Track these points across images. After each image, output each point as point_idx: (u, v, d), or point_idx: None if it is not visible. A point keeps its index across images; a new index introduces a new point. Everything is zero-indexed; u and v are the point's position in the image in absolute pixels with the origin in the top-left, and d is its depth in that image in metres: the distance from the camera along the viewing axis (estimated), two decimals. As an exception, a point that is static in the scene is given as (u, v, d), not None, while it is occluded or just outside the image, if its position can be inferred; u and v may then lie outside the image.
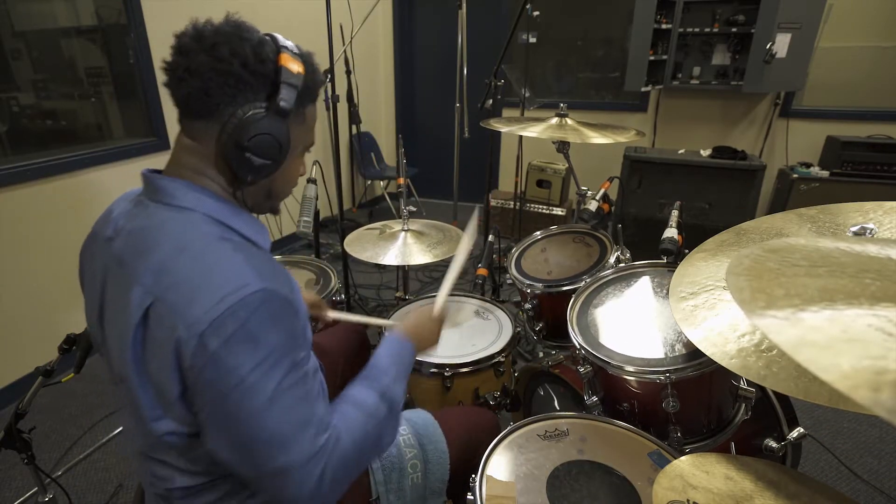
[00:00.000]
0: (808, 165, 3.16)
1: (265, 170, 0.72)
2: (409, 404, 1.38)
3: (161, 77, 0.70)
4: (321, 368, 0.93)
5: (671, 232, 1.32)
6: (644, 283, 1.28)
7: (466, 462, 1.02)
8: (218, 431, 0.65)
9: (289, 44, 0.71)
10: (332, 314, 1.23)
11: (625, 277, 1.31)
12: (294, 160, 0.78)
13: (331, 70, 2.22)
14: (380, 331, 1.55)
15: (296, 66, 0.70)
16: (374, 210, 4.52)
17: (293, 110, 0.71)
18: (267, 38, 0.70)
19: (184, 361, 0.61)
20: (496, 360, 1.38)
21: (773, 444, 1.06)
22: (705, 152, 3.13)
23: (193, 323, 0.60)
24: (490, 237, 1.73)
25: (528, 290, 1.51)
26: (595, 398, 1.16)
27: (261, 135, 0.68)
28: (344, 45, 3.35)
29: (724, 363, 0.75)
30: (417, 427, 1.02)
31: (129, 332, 0.64)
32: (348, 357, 1.34)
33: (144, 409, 0.66)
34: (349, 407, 0.76)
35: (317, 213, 2.05)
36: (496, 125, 1.70)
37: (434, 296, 1.70)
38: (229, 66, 0.65)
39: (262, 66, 0.68)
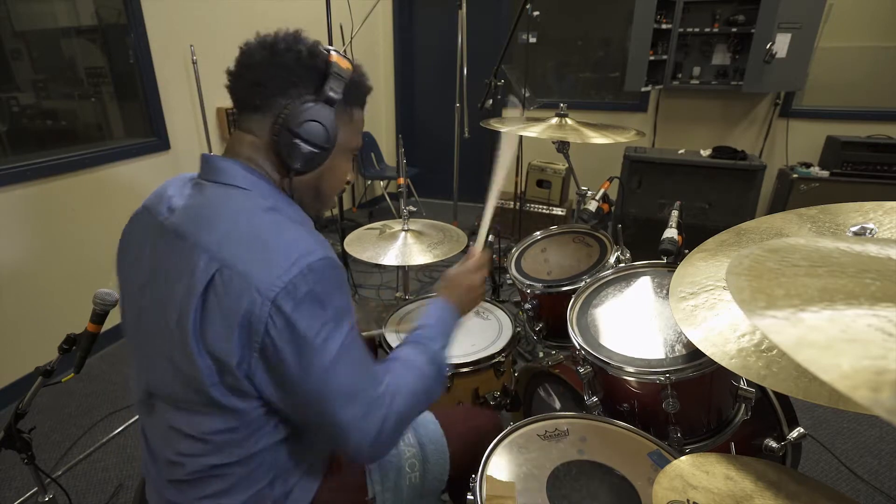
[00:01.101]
0: (808, 165, 3.16)
1: (313, 159, 0.76)
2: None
3: (162, 77, 0.72)
4: None
5: (671, 232, 1.32)
6: (644, 284, 1.28)
7: (467, 463, 1.02)
8: (286, 390, 0.69)
9: (341, 52, 0.78)
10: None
11: (625, 277, 1.31)
12: (341, 159, 0.82)
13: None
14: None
15: (345, 64, 0.76)
16: (374, 210, 4.52)
17: (340, 104, 0.76)
18: (322, 45, 0.77)
19: (255, 325, 0.64)
20: (496, 360, 1.38)
21: (773, 444, 1.06)
22: (705, 152, 3.13)
23: (265, 287, 0.64)
24: (490, 237, 1.73)
25: (528, 290, 1.51)
26: (595, 398, 1.16)
27: (309, 121, 0.73)
28: (344, 45, 3.35)
29: (724, 363, 0.75)
30: (418, 426, 1.02)
31: (192, 299, 0.65)
32: None
33: (201, 374, 0.67)
34: (400, 366, 0.81)
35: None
36: (496, 125, 1.70)
37: (434, 295, 1.70)
38: (283, 59, 0.72)
39: (314, 61, 0.74)
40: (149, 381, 0.76)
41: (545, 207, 3.63)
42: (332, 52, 0.76)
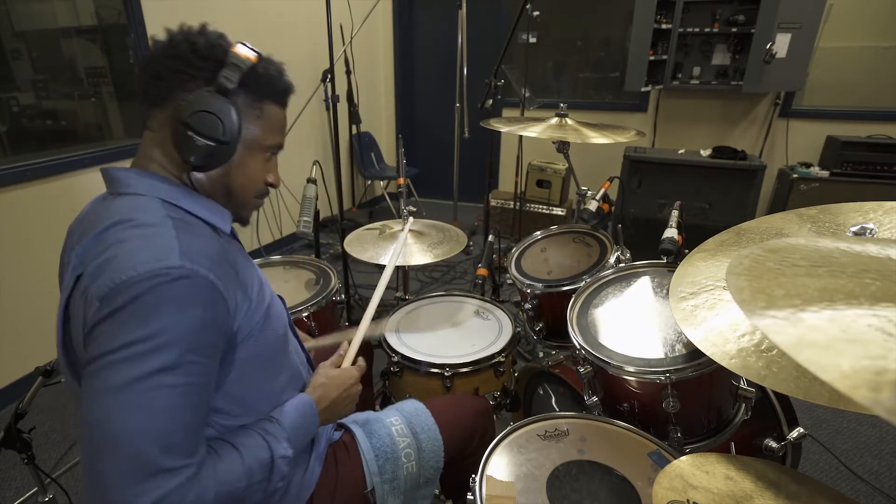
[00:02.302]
0: (808, 165, 3.16)
1: (211, 153, 0.71)
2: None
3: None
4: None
5: (671, 232, 1.32)
6: (644, 283, 1.28)
7: (460, 449, 1.03)
8: (78, 403, 0.64)
9: (250, 44, 0.74)
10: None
11: (625, 277, 1.31)
12: (252, 157, 0.77)
13: (331, 70, 2.22)
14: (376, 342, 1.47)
15: (247, 55, 0.72)
16: (374, 210, 4.52)
17: (247, 97, 0.73)
18: (227, 38, 0.74)
19: (86, 324, 0.62)
20: (496, 360, 1.38)
21: (773, 444, 1.06)
22: (705, 152, 3.13)
23: (99, 287, 0.60)
24: (490, 237, 1.73)
25: (528, 290, 1.51)
26: (595, 398, 1.16)
27: (201, 111, 0.69)
28: (344, 45, 3.35)
29: (724, 363, 0.75)
30: (409, 416, 1.03)
31: (61, 303, 0.68)
32: None
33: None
34: (229, 448, 0.70)
35: (317, 213, 2.05)
36: (496, 125, 1.70)
37: (434, 295, 1.71)
38: (179, 50, 0.70)
39: (212, 52, 0.71)
40: None
41: (545, 207, 3.63)
42: (238, 44, 0.73)
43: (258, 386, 0.77)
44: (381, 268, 1.29)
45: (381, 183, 4.52)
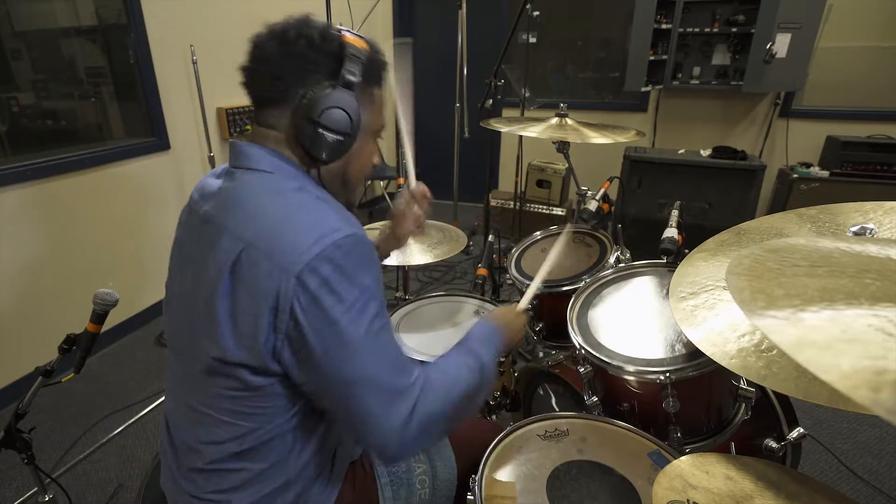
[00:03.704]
0: (808, 165, 3.16)
1: (339, 147, 0.74)
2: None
3: (162, 77, 0.72)
4: None
5: (671, 232, 1.32)
6: (644, 283, 1.28)
7: (469, 471, 1.01)
8: (311, 373, 0.67)
9: (354, 32, 0.76)
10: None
11: (625, 277, 1.31)
12: (366, 143, 0.80)
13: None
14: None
15: (360, 43, 0.73)
16: (374, 210, 4.52)
17: (360, 86, 0.74)
18: (333, 27, 0.75)
19: (282, 304, 0.63)
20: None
21: (773, 444, 1.06)
22: (705, 152, 3.13)
23: (290, 265, 0.63)
24: (490, 237, 1.73)
25: (528, 290, 1.51)
26: (595, 398, 1.16)
27: (331, 108, 0.70)
28: (344, 45, 3.34)
29: (724, 363, 0.75)
30: None
31: (221, 280, 0.65)
32: None
33: (228, 354, 0.67)
34: (441, 365, 0.80)
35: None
36: (496, 125, 1.70)
37: (434, 295, 1.71)
38: (296, 48, 0.70)
39: (328, 45, 0.71)
40: (181, 362, 0.77)
41: (545, 207, 3.63)
42: (346, 33, 0.73)
43: None
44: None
45: (381, 183, 4.52)
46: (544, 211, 3.63)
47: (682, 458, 0.80)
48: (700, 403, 1.08)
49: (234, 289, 0.65)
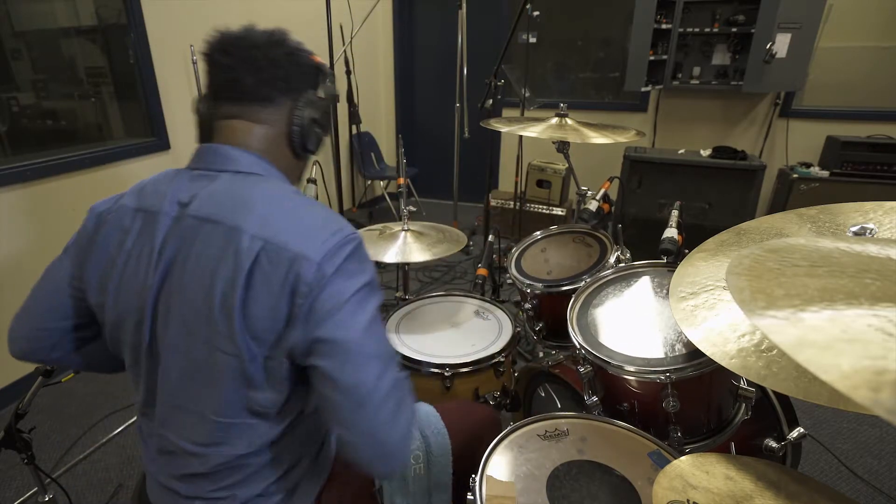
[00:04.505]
0: (808, 165, 3.16)
1: (321, 140, 0.87)
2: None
3: (162, 77, 0.73)
4: None
5: (671, 232, 1.32)
6: (644, 283, 1.28)
7: (467, 457, 1.02)
8: (323, 353, 0.69)
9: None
10: None
11: (625, 277, 1.31)
12: None
13: (331, 70, 2.22)
14: None
15: (323, 61, 0.87)
16: (374, 210, 4.52)
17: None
18: None
19: (301, 288, 0.67)
20: (496, 360, 1.38)
21: (773, 444, 1.06)
22: (705, 152, 3.13)
23: (311, 253, 0.68)
24: (490, 237, 1.73)
25: (528, 290, 1.51)
26: (595, 398, 1.16)
27: (322, 110, 0.84)
28: (344, 45, 3.35)
29: (724, 363, 0.75)
30: (420, 418, 1.03)
31: (239, 278, 0.67)
32: None
33: (242, 353, 0.68)
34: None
35: (317, 213, 2.04)
36: (496, 125, 1.70)
37: (434, 295, 1.71)
38: (300, 58, 0.81)
39: (309, 60, 0.83)
40: (178, 369, 0.74)
41: (545, 207, 3.63)
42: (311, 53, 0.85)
43: None
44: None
45: (381, 183, 4.52)
46: (544, 211, 3.63)
47: (682, 458, 0.80)
48: (700, 403, 1.08)
49: (253, 284, 0.67)
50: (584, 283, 1.35)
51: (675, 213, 1.38)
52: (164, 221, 0.73)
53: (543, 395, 1.46)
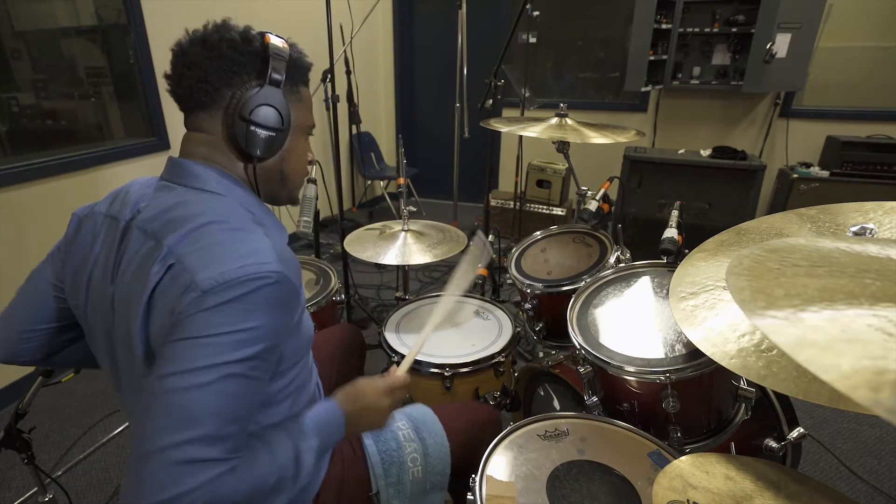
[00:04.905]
0: (808, 165, 3.16)
1: (272, 143, 0.76)
2: (408, 403, 1.38)
3: (162, 77, 0.71)
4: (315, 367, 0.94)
5: (671, 232, 1.32)
6: (644, 283, 1.28)
7: (468, 457, 1.02)
8: (152, 368, 0.62)
9: (274, 33, 0.77)
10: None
11: (625, 277, 1.31)
12: (298, 140, 0.83)
13: (331, 70, 2.22)
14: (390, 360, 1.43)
15: (280, 42, 0.75)
16: (374, 210, 4.52)
17: (287, 84, 0.77)
18: (252, 28, 0.77)
19: (178, 309, 0.61)
20: (496, 360, 1.38)
21: (773, 444, 1.06)
22: (705, 152, 3.13)
23: (203, 280, 0.62)
24: (490, 237, 1.73)
25: (528, 290, 1.51)
26: (595, 398, 1.16)
27: (261, 105, 0.73)
28: (344, 45, 3.35)
29: (724, 363, 0.75)
30: (416, 421, 1.03)
31: (145, 291, 0.65)
32: (342, 357, 1.33)
33: (142, 365, 0.67)
34: (262, 446, 0.69)
35: (317, 213, 2.05)
36: (496, 125, 1.70)
37: (434, 295, 1.71)
38: (220, 51, 0.72)
39: (250, 46, 0.74)
40: (116, 362, 0.75)
41: (545, 207, 3.63)
42: (267, 34, 0.75)
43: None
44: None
45: (381, 183, 4.52)
46: (544, 211, 3.63)
47: (682, 458, 0.80)
48: (700, 403, 1.08)
49: (154, 302, 0.65)
50: (584, 283, 1.35)
51: (675, 213, 1.38)
52: (121, 230, 0.73)
53: (543, 394, 1.46)
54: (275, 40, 0.74)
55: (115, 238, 0.74)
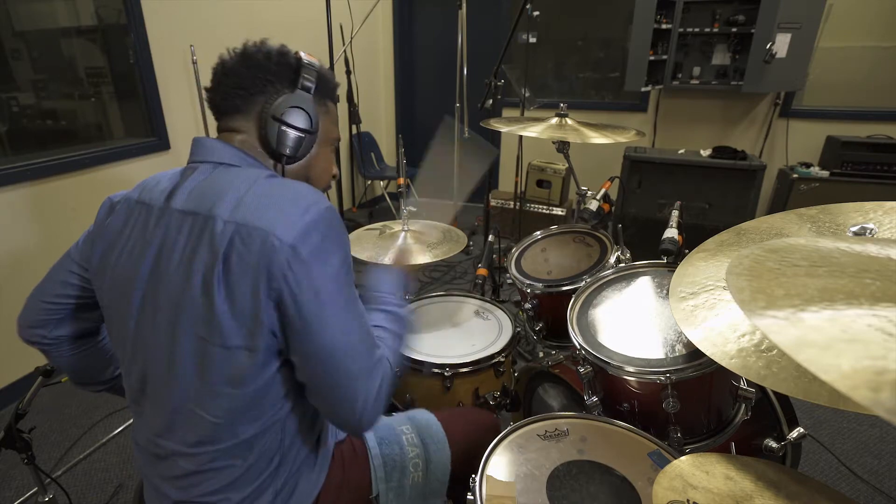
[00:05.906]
0: (808, 165, 3.16)
1: (301, 144, 0.81)
2: (409, 405, 1.38)
3: (162, 77, 0.73)
4: None
5: (671, 232, 1.32)
6: (644, 283, 1.28)
7: (467, 463, 1.02)
8: (300, 340, 0.70)
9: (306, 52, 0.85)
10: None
11: (625, 277, 1.31)
12: (325, 150, 0.89)
13: (331, 70, 2.22)
14: None
15: (312, 59, 0.83)
16: (374, 210, 4.52)
17: (316, 95, 0.83)
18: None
19: (274, 271, 0.67)
20: (496, 360, 1.38)
21: (773, 444, 1.06)
22: (705, 152, 3.13)
23: (282, 233, 0.67)
24: (490, 237, 1.73)
25: (528, 290, 1.51)
26: (595, 398, 1.16)
27: (292, 107, 0.79)
28: (344, 45, 3.35)
29: (724, 363, 0.75)
30: (420, 426, 1.03)
31: (216, 264, 0.67)
32: None
33: (228, 339, 0.69)
34: (382, 332, 0.86)
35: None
36: (496, 125, 1.70)
37: (434, 295, 1.71)
38: (257, 60, 0.78)
39: (285, 58, 0.80)
40: (162, 364, 0.74)
41: (545, 207, 3.63)
42: (300, 52, 0.83)
43: None
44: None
45: (381, 183, 4.52)
46: (544, 211, 3.63)
47: (682, 458, 0.80)
48: (700, 404, 1.08)
49: (230, 269, 0.67)
50: (584, 283, 1.35)
51: (675, 213, 1.38)
52: (154, 214, 0.76)
53: (543, 394, 1.46)
54: (307, 57, 0.82)
55: (148, 224, 0.76)
